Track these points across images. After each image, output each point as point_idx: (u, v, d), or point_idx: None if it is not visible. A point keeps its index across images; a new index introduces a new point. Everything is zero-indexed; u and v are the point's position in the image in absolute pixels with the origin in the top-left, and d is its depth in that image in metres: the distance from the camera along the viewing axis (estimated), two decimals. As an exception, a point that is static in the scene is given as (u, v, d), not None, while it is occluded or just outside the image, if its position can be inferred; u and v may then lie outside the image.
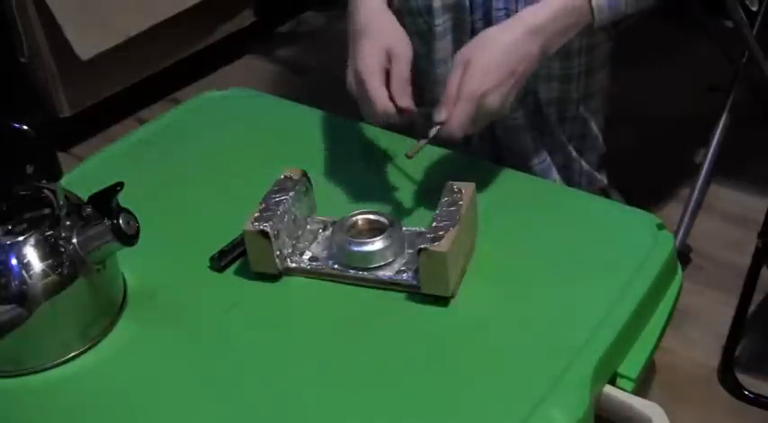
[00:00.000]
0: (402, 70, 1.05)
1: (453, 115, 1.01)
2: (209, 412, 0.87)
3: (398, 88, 1.04)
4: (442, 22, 1.25)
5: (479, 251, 1.01)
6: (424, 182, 1.12)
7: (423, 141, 1.03)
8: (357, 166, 1.15)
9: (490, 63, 1.02)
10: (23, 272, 0.89)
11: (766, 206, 1.41)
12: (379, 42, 1.05)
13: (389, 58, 1.05)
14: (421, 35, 1.29)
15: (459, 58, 1.03)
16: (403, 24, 1.15)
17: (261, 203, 1.00)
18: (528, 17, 1.05)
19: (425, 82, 1.34)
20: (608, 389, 0.91)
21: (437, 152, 1.14)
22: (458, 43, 1.26)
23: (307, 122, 1.26)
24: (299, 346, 0.93)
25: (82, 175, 1.17)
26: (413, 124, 1.18)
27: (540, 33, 1.04)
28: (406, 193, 1.10)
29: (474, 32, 1.24)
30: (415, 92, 1.08)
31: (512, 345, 0.91)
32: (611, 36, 1.29)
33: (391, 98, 1.03)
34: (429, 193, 1.07)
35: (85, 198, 0.94)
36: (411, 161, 1.05)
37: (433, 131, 1.02)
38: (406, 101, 1.03)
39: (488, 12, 1.21)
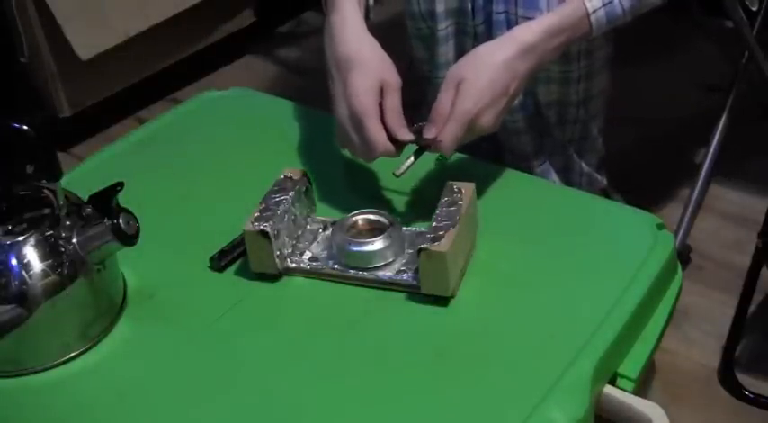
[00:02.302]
0: (396, 103, 1.03)
1: (444, 134, 1.00)
2: (209, 412, 0.87)
3: (395, 122, 1.02)
4: (444, 26, 1.25)
5: (479, 251, 1.01)
6: (424, 182, 1.12)
7: (410, 161, 1.03)
8: (357, 166, 1.15)
9: (484, 84, 1.01)
10: (23, 272, 0.89)
11: (766, 206, 1.41)
12: (370, 76, 1.02)
13: (382, 89, 1.02)
14: (423, 40, 1.29)
15: (452, 77, 1.02)
16: (404, 28, 1.15)
17: (261, 203, 1.00)
18: (521, 35, 1.04)
19: (427, 86, 1.34)
20: (608, 389, 0.91)
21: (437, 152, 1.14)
22: (460, 48, 1.26)
23: (307, 122, 1.26)
24: (298, 345, 0.93)
25: (82, 175, 1.17)
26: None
27: (532, 52, 1.04)
28: (405, 193, 1.10)
29: (476, 37, 1.24)
30: (418, 95, 1.07)
31: (511, 345, 0.91)
32: (611, 40, 1.29)
33: (389, 135, 1.01)
34: (429, 193, 1.07)
35: (85, 198, 0.94)
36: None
37: (421, 149, 1.02)
38: (404, 133, 1.02)
39: (489, 16, 1.21)
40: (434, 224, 0.95)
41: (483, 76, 1.01)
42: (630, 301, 0.95)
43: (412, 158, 1.03)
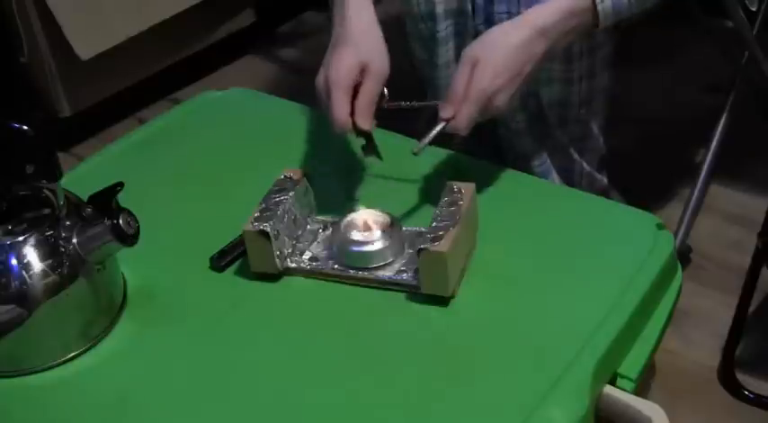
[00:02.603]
0: (371, 89, 1.02)
1: (461, 113, 1.00)
2: (209, 412, 0.87)
3: (362, 107, 1.02)
4: (444, 27, 1.25)
5: (479, 251, 1.01)
6: (424, 182, 1.12)
7: (428, 138, 1.02)
8: (357, 166, 1.15)
9: (499, 63, 1.01)
10: (23, 272, 0.89)
11: (766, 206, 1.41)
12: (358, 55, 1.03)
13: (364, 72, 1.02)
14: (423, 40, 1.29)
15: (467, 57, 1.02)
16: (405, 30, 1.14)
17: (261, 203, 1.00)
18: (534, 18, 1.04)
19: (427, 87, 1.34)
20: (608, 389, 0.91)
21: (437, 152, 1.14)
22: (460, 49, 1.26)
23: (307, 122, 1.26)
24: (299, 345, 0.93)
25: (82, 175, 1.17)
26: (415, 122, 1.18)
27: (546, 34, 1.04)
28: (406, 193, 1.10)
29: (476, 37, 1.24)
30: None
31: (512, 344, 0.91)
32: (612, 38, 1.29)
33: (353, 114, 1.01)
34: (429, 193, 1.07)
35: (85, 198, 0.94)
36: (411, 161, 1.04)
37: (438, 128, 1.01)
38: (364, 123, 1.01)
39: (490, 16, 1.21)
40: (434, 224, 0.95)
41: (498, 57, 1.01)
42: (630, 301, 0.95)
43: (429, 136, 1.02)
